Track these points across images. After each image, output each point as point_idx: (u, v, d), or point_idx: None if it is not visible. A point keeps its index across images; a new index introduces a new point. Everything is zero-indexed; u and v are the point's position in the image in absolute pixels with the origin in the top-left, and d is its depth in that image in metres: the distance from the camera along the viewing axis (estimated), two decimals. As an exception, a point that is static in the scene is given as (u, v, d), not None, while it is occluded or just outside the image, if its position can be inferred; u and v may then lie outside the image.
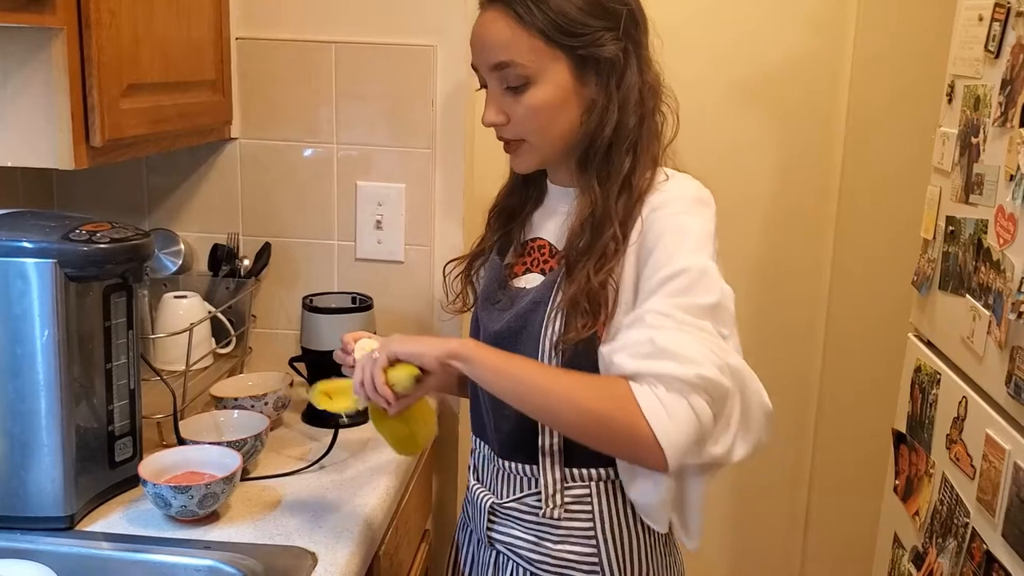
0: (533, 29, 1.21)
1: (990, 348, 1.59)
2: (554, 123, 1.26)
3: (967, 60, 1.78)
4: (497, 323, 1.33)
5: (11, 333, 1.29)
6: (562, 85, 1.23)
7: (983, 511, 1.56)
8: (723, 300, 1.19)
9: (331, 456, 1.60)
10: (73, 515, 1.35)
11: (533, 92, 1.23)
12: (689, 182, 1.27)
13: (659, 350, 1.10)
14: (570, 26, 1.21)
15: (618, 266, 1.22)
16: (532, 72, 1.22)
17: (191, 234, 1.97)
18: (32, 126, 1.34)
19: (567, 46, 1.22)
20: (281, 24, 1.88)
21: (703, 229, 1.21)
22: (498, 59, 1.23)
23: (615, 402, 1.11)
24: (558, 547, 1.31)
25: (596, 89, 1.25)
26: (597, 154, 1.25)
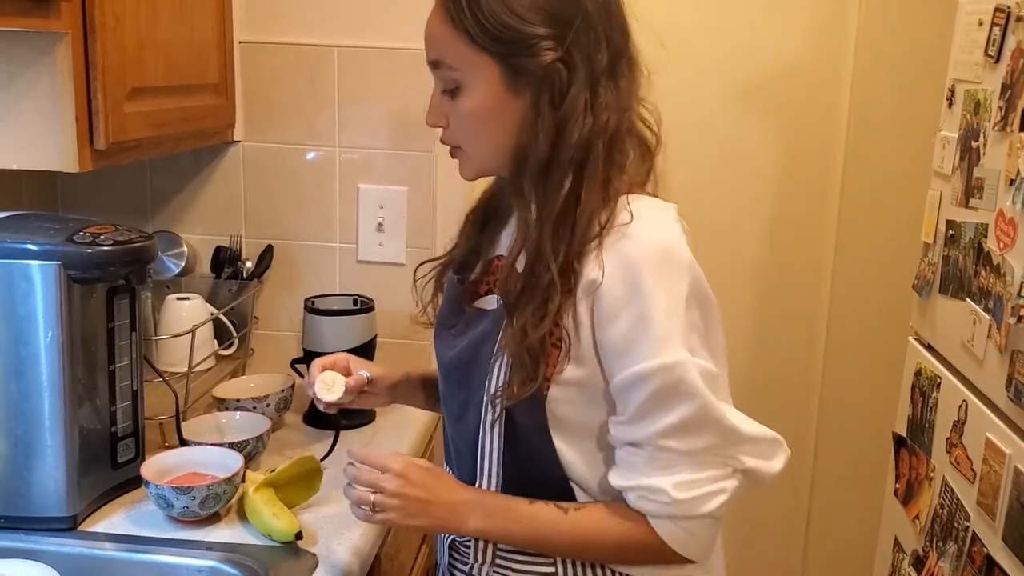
0: (461, 30, 1.10)
1: (990, 352, 1.59)
2: (484, 134, 1.14)
3: (967, 64, 1.79)
4: (450, 350, 1.24)
5: (15, 334, 1.30)
6: (491, 94, 1.11)
7: (983, 515, 1.56)
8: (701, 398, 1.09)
9: (332, 457, 1.61)
10: (76, 515, 1.35)
11: (463, 98, 1.13)
12: (657, 230, 1.12)
13: (675, 503, 1.10)
14: (499, 31, 1.08)
15: (565, 316, 1.10)
16: (460, 76, 1.12)
17: (194, 236, 1.97)
18: (37, 129, 1.35)
19: (495, 52, 1.10)
20: (284, 28, 1.89)
21: (670, 303, 1.08)
22: (430, 56, 1.14)
23: (644, 549, 1.14)
24: None
25: (527, 103, 1.11)
26: (529, 176, 1.11)
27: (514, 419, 1.14)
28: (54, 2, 1.25)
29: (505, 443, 1.16)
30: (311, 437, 1.73)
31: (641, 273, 1.07)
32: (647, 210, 1.13)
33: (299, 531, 1.33)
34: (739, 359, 2.81)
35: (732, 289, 2.79)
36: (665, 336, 1.07)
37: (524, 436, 1.15)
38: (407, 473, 1.15)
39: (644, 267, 1.08)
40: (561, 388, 1.12)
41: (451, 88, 1.14)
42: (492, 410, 1.15)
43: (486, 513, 1.15)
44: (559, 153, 1.10)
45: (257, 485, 1.38)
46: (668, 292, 1.08)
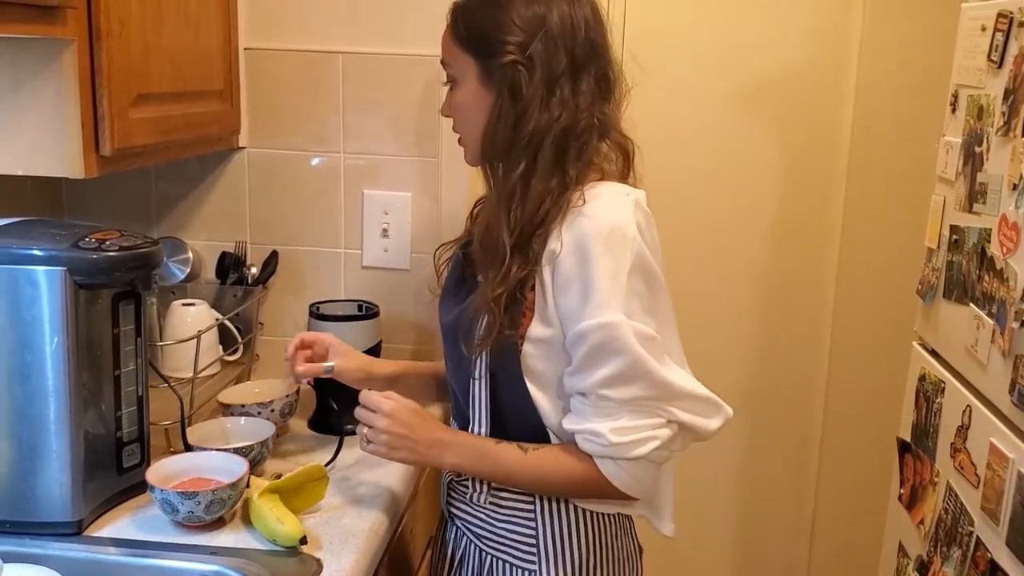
0: (455, 35, 1.37)
1: (994, 357, 1.59)
2: (470, 123, 1.37)
3: (970, 70, 1.79)
4: (449, 314, 1.43)
5: (21, 339, 1.30)
6: (472, 89, 1.35)
7: (987, 520, 1.56)
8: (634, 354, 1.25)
9: (337, 463, 1.61)
10: (81, 520, 1.36)
11: (456, 92, 1.38)
12: (610, 210, 1.28)
13: (612, 445, 1.27)
14: (479, 37, 1.33)
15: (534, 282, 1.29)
16: (455, 73, 1.38)
17: (199, 242, 1.98)
18: (43, 135, 1.35)
19: (474, 53, 1.34)
20: (289, 34, 1.90)
21: (614, 273, 1.24)
22: (441, 58, 1.41)
23: (592, 485, 1.32)
24: (502, 526, 1.40)
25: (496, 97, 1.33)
26: (490, 160, 1.35)
27: (496, 373, 1.34)
28: (60, 9, 1.26)
29: (491, 394, 1.36)
30: (316, 442, 1.73)
31: (590, 246, 1.25)
32: (606, 194, 1.31)
33: (303, 536, 1.33)
34: (743, 364, 2.82)
35: (736, 294, 2.79)
36: (605, 300, 1.24)
37: (505, 387, 1.35)
38: (395, 414, 1.37)
39: (593, 241, 1.25)
40: (533, 345, 1.31)
41: (450, 83, 1.39)
42: (477, 364, 1.35)
43: (459, 451, 1.37)
44: (516, 141, 1.31)
45: (262, 490, 1.38)
46: (612, 263, 1.25)
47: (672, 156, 2.62)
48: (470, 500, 1.43)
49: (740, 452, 2.87)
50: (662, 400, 1.29)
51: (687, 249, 2.70)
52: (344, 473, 1.60)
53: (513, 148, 1.31)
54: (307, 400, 1.80)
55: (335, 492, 1.51)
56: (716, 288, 2.76)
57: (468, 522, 1.45)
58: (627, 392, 1.26)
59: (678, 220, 2.66)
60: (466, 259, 1.46)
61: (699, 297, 2.72)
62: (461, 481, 1.44)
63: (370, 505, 1.49)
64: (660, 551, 1.66)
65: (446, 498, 1.50)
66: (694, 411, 1.32)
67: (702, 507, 2.89)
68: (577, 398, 1.30)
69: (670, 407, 1.29)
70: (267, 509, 1.36)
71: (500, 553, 1.41)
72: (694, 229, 2.72)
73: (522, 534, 1.39)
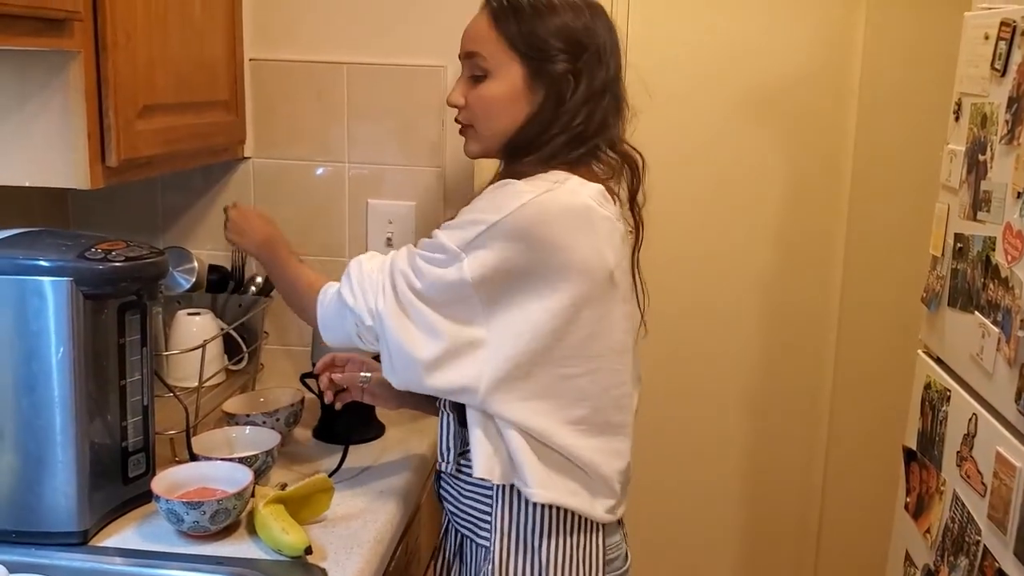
0: (502, 33, 1.38)
1: (999, 365, 1.59)
2: (498, 117, 1.40)
3: (974, 78, 1.79)
4: None
5: (27, 350, 1.31)
6: (513, 86, 1.38)
7: (994, 529, 1.55)
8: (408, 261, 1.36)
9: (342, 472, 1.61)
10: (87, 530, 1.36)
11: (488, 84, 1.39)
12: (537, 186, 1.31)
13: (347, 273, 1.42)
14: (531, 40, 1.37)
15: None
16: (491, 67, 1.39)
17: (204, 252, 1.98)
18: (49, 147, 1.36)
19: (526, 55, 1.37)
20: (293, 45, 1.90)
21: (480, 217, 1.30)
22: (468, 49, 1.41)
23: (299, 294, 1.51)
24: (467, 502, 1.45)
25: (542, 100, 1.38)
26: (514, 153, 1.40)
27: None
28: (67, 22, 1.27)
29: None
30: (321, 452, 1.73)
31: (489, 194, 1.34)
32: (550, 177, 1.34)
33: (308, 546, 1.33)
34: (749, 372, 2.82)
35: (741, 302, 2.79)
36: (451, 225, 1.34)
37: None
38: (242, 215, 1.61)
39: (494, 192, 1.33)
40: None
41: (478, 75, 1.40)
42: None
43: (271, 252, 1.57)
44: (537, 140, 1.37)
45: (267, 500, 1.39)
46: (485, 207, 1.32)
47: (676, 166, 2.62)
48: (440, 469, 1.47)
49: (746, 460, 2.87)
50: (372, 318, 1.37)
51: (692, 258, 2.70)
52: (349, 482, 1.60)
53: (532, 145, 1.38)
54: (312, 409, 1.80)
55: (340, 501, 1.51)
56: (721, 296, 2.76)
57: (448, 501, 1.51)
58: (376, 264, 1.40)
59: (683, 229, 2.66)
60: None
61: (704, 306, 2.72)
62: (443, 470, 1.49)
63: (375, 515, 1.49)
64: (666, 559, 1.66)
65: (438, 489, 1.54)
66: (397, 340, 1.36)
67: (707, 515, 2.89)
68: None
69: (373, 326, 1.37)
70: (272, 519, 1.36)
71: (466, 530, 1.47)
72: (699, 238, 2.72)
73: (482, 511, 1.42)
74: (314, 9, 1.89)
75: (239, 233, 1.60)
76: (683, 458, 2.83)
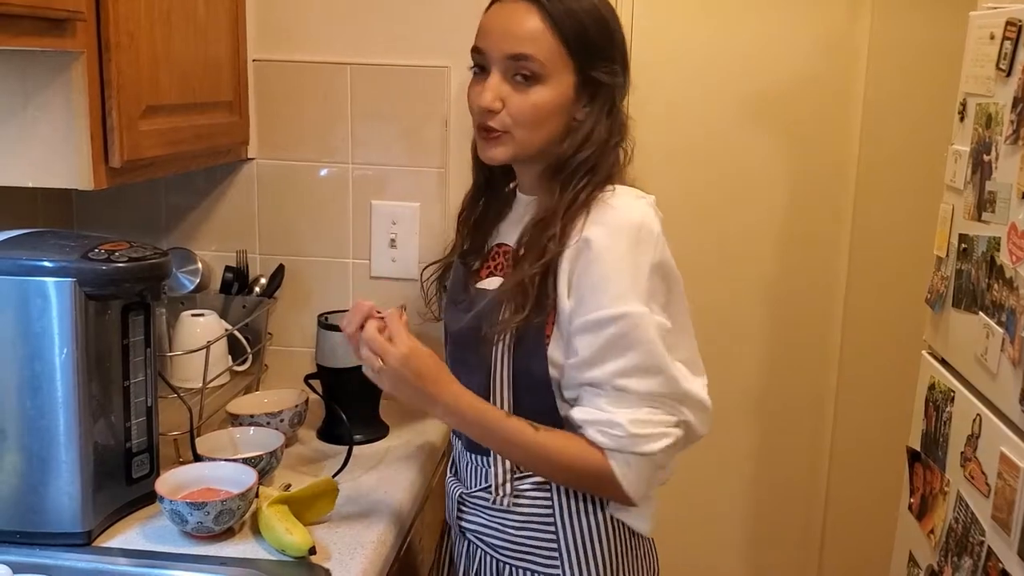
0: (560, 35, 1.29)
1: (1004, 365, 1.59)
2: (543, 125, 1.32)
3: (979, 78, 1.79)
4: (458, 323, 1.42)
5: (31, 350, 1.31)
6: (564, 94, 1.31)
7: (998, 530, 1.55)
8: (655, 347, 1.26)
9: (346, 473, 1.61)
10: (91, 531, 1.36)
11: (539, 90, 1.30)
12: (635, 208, 1.30)
13: (630, 436, 1.25)
14: (588, 47, 1.30)
15: (554, 264, 1.29)
16: (545, 72, 1.29)
17: (208, 253, 1.98)
18: (52, 147, 1.36)
19: (581, 61, 1.31)
20: (297, 46, 1.90)
21: (635, 268, 1.26)
22: (518, 50, 1.29)
23: (593, 478, 1.29)
24: (519, 533, 1.38)
25: (586, 110, 1.33)
26: (568, 169, 1.32)
27: (519, 371, 1.32)
28: (69, 22, 1.27)
29: (514, 396, 1.33)
30: (324, 452, 1.74)
31: (619, 236, 1.26)
32: (628, 193, 1.32)
33: (312, 546, 1.33)
34: (753, 374, 2.82)
35: (746, 304, 2.78)
36: (625, 291, 1.25)
37: (528, 392, 1.33)
38: (409, 360, 1.27)
39: (620, 234, 1.26)
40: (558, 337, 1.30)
41: (526, 81, 1.30)
42: (500, 363, 1.32)
43: (464, 410, 1.30)
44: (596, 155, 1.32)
45: (271, 500, 1.39)
46: (635, 258, 1.26)
47: (681, 168, 2.62)
48: (492, 504, 1.39)
49: (750, 461, 2.86)
50: (676, 399, 1.28)
51: (697, 260, 2.69)
52: (353, 483, 1.60)
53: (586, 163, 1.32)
54: (316, 410, 1.80)
55: (344, 502, 1.51)
56: (726, 298, 2.76)
57: (482, 534, 1.42)
58: (645, 385, 1.26)
59: (687, 232, 2.66)
60: (466, 268, 1.48)
61: (709, 308, 2.71)
62: (474, 493, 1.42)
63: (379, 515, 1.49)
64: (671, 559, 1.66)
65: (456, 513, 1.48)
66: (696, 415, 1.32)
67: (712, 517, 2.89)
68: (589, 389, 1.28)
69: (682, 407, 1.30)
70: (276, 519, 1.36)
71: (519, 561, 1.39)
72: (704, 240, 2.71)
73: (541, 539, 1.36)
74: (318, 10, 1.89)
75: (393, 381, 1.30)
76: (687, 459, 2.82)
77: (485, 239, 1.48)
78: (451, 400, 1.30)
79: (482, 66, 1.34)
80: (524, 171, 1.42)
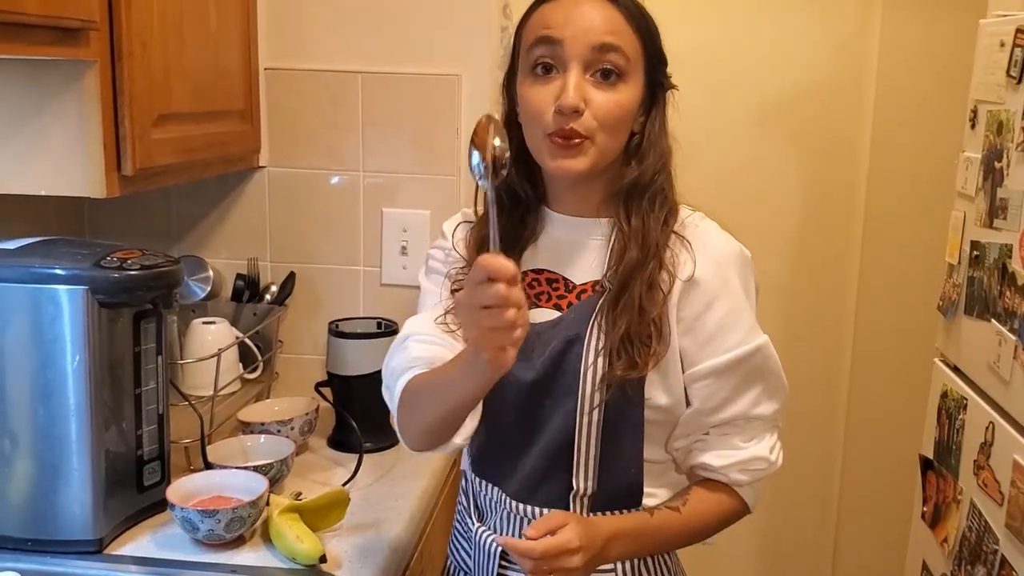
0: (638, 32, 1.19)
1: (1017, 373, 1.58)
2: (624, 129, 1.21)
3: (989, 85, 1.78)
4: (530, 371, 1.22)
5: (43, 358, 1.31)
6: (639, 96, 1.21)
7: (1012, 538, 1.54)
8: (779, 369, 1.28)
9: (356, 481, 1.61)
10: (102, 539, 1.36)
11: (624, 88, 1.18)
12: (728, 235, 1.28)
13: (770, 465, 1.27)
14: (656, 47, 1.23)
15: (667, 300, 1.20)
16: (630, 69, 1.18)
17: (220, 261, 1.99)
18: (65, 156, 1.37)
19: (650, 62, 1.22)
20: (309, 55, 1.91)
21: (749, 296, 1.27)
22: (607, 40, 1.16)
23: (731, 517, 1.29)
24: None
25: (641, 120, 1.24)
26: (651, 191, 1.22)
27: (610, 417, 1.20)
28: (83, 31, 1.28)
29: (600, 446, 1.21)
30: (335, 460, 1.74)
31: (730, 269, 1.24)
32: (705, 218, 1.29)
33: (323, 554, 1.33)
34: (763, 381, 2.81)
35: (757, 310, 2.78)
36: (751, 325, 1.25)
37: (615, 436, 1.21)
38: (584, 543, 1.14)
39: (732, 265, 1.24)
40: (657, 374, 1.20)
41: (612, 78, 1.17)
42: (589, 411, 1.20)
43: (627, 540, 1.21)
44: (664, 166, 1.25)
45: (282, 508, 1.39)
46: (747, 287, 1.26)
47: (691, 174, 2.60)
48: None
49: (761, 470, 2.85)
50: (782, 407, 1.29)
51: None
52: (363, 491, 1.60)
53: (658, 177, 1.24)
54: (326, 418, 1.81)
55: (354, 510, 1.51)
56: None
57: None
58: (774, 406, 1.26)
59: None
60: None
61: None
62: None
63: (389, 524, 1.49)
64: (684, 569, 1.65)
65: (496, 570, 1.29)
66: None
67: (723, 525, 2.88)
68: (716, 431, 1.24)
69: (783, 413, 1.30)
70: (287, 527, 1.36)
71: None
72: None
73: None
74: (329, 18, 1.90)
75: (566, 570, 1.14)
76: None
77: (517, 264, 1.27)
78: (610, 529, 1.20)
79: (548, 64, 1.18)
80: (579, 191, 1.25)
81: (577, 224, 1.28)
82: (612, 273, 1.21)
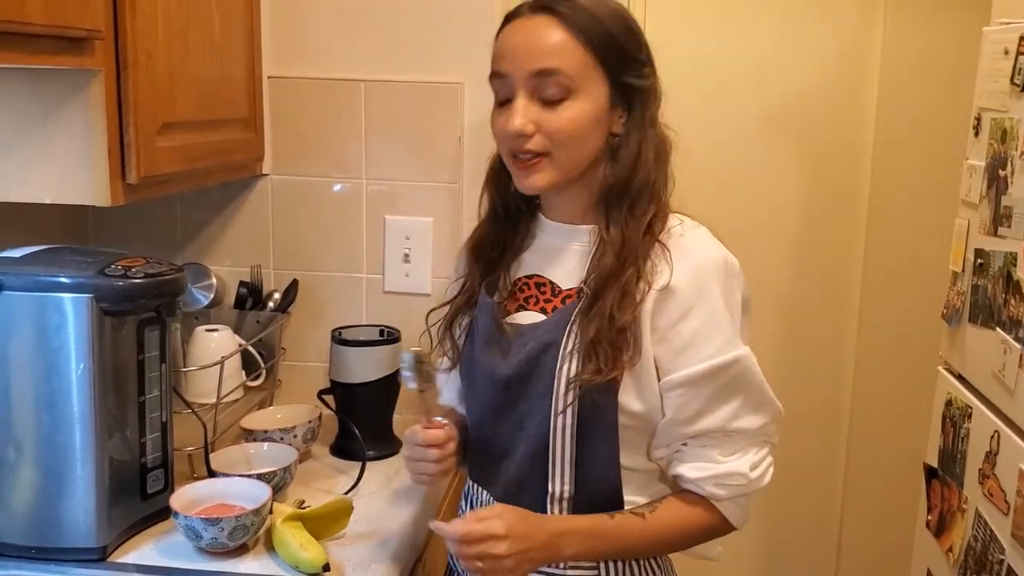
0: (586, 43, 1.20)
1: (1021, 381, 1.58)
2: (583, 142, 1.23)
3: (993, 93, 1.78)
4: (506, 368, 1.28)
5: (47, 366, 1.31)
6: (598, 105, 1.22)
7: (1018, 548, 1.54)
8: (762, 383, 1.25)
9: (359, 488, 1.61)
10: (106, 547, 1.36)
11: (571, 105, 1.20)
12: (715, 243, 1.26)
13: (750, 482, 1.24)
14: (615, 50, 1.21)
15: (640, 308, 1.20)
16: (576, 85, 1.20)
17: (223, 268, 1.99)
18: (70, 164, 1.37)
19: (611, 68, 1.22)
20: (312, 63, 1.91)
21: (732, 307, 1.23)
22: (544, 65, 1.19)
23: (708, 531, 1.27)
24: None
25: (622, 121, 1.25)
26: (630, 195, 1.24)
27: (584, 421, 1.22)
28: (88, 40, 1.28)
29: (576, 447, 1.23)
30: (338, 468, 1.73)
31: (710, 278, 1.21)
32: (695, 226, 1.27)
33: (326, 563, 1.33)
34: (767, 389, 2.81)
35: (758, 318, 2.75)
36: (730, 336, 1.21)
37: (591, 440, 1.23)
38: (511, 531, 1.17)
39: (713, 274, 1.22)
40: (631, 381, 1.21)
41: (557, 97, 1.20)
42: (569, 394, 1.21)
43: (579, 539, 1.22)
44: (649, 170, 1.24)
45: (285, 516, 1.38)
46: (730, 297, 1.22)
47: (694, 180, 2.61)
48: None
49: (764, 478, 2.85)
50: (776, 423, 1.27)
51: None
52: (366, 499, 1.60)
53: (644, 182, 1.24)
54: (329, 425, 1.80)
55: (357, 518, 1.51)
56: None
57: None
58: (757, 421, 1.24)
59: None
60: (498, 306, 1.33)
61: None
62: None
63: (392, 531, 1.49)
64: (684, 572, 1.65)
65: None
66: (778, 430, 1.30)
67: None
68: (694, 442, 1.23)
69: (775, 431, 1.28)
70: (290, 535, 1.36)
71: None
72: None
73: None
74: (332, 27, 1.90)
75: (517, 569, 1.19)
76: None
77: (506, 271, 1.36)
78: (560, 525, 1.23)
79: (504, 93, 1.24)
80: (563, 198, 1.30)
81: (564, 230, 1.32)
82: (590, 279, 1.25)
